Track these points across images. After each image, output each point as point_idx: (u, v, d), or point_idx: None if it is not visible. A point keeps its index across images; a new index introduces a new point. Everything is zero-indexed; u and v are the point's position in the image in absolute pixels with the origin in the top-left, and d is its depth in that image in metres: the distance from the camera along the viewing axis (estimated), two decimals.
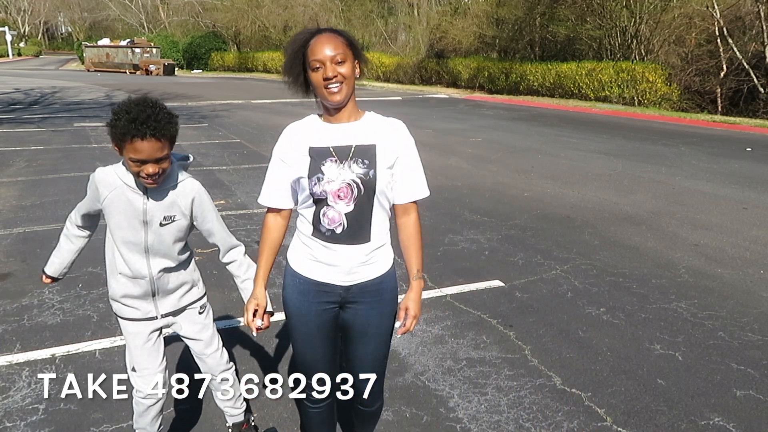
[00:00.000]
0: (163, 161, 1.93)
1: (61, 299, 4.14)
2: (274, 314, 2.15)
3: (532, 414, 2.88)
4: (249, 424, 2.60)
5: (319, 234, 1.89)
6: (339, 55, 1.76)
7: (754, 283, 4.54)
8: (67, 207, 6.45)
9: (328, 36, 1.78)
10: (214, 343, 2.40)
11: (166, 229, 2.09)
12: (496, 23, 25.56)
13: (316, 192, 1.83)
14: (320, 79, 1.77)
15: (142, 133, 1.84)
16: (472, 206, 6.66)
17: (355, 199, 1.83)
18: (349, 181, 1.82)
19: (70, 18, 69.71)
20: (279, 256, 2.10)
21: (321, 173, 1.82)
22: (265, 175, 2.00)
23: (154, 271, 2.15)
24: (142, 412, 2.29)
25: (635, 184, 7.81)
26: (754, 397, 3.02)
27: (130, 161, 1.91)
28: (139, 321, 2.24)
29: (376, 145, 1.85)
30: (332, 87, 1.78)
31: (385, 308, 2.02)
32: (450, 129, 13.15)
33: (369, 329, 2.01)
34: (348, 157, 1.83)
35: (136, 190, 2.03)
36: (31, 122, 13.70)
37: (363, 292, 1.96)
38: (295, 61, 1.83)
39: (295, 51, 1.82)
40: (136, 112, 1.86)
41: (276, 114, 15.95)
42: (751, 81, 16.64)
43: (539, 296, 4.27)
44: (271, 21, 37.62)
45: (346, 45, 1.79)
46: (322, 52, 1.76)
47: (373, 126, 1.89)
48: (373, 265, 1.95)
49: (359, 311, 1.99)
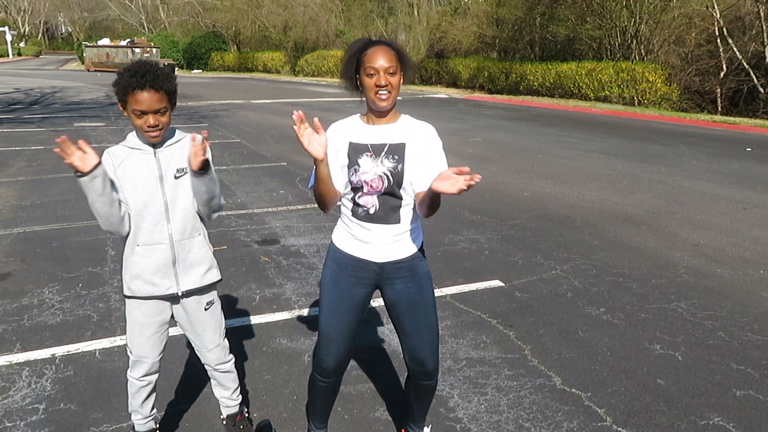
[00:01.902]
0: (162, 114, 2.09)
1: (61, 299, 4.14)
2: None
3: (532, 414, 2.88)
4: (243, 416, 2.62)
5: (356, 214, 2.18)
6: (392, 67, 2.03)
7: (754, 283, 4.54)
8: (67, 207, 6.49)
9: (385, 48, 2.05)
10: (215, 339, 2.42)
11: (181, 181, 2.20)
12: (496, 23, 25.56)
13: (353, 180, 2.12)
14: (373, 84, 2.03)
15: (142, 84, 2.03)
16: (472, 206, 6.66)
17: (385, 188, 2.11)
18: (381, 174, 2.10)
19: (70, 18, 69.72)
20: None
21: (358, 165, 2.11)
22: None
23: (174, 233, 2.20)
24: (134, 393, 2.37)
25: (635, 184, 7.81)
26: (754, 397, 3.02)
27: (133, 114, 2.08)
28: (155, 300, 2.25)
29: (405, 144, 2.12)
30: (382, 93, 2.04)
31: (423, 282, 2.25)
32: (450, 129, 13.14)
33: (414, 299, 2.24)
34: (382, 153, 2.11)
35: (144, 150, 2.17)
36: (31, 122, 13.70)
37: (396, 269, 2.22)
38: (349, 64, 2.10)
39: (351, 55, 2.09)
40: (137, 68, 2.07)
41: (276, 114, 15.95)
42: (751, 81, 16.65)
43: (539, 296, 4.27)
44: (271, 21, 37.61)
45: (397, 58, 2.05)
46: (378, 61, 2.02)
47: (406, 127, 2.16)
48: (403, 245, 2.20)
49: (398, 286, 2.23)
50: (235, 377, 2.54)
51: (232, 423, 2.59)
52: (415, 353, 2.29)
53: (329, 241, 2.33)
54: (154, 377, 2.37)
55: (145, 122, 2.08)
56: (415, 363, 2.32)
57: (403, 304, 2.24)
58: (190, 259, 2.25)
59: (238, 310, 4.01)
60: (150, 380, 2.36)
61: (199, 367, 3.25)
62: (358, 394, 3.04)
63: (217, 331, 2.42)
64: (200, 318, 2.35)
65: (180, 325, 2.39)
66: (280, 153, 10.00)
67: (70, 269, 4.67)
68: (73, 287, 4.34)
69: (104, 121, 14.09)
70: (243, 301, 4.16)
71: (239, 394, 2.58)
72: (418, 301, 2.24)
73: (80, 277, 4.52)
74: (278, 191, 7.07)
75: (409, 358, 2.32)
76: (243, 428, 2.59)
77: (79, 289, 4.32)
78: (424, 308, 2.25)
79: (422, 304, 2.25)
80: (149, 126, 2.08)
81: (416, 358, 2.30)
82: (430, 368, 2.32)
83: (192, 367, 3.29)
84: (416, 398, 2.47)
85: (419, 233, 2.26)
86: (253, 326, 3.80)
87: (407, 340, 2.30)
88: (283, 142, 11.31)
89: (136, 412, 2.41)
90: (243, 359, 3.34)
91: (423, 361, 2.30)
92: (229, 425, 2.59)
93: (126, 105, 2.09)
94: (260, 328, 3.77)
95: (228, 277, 4.51)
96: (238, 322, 3.82)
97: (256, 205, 6.62)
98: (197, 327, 2.37)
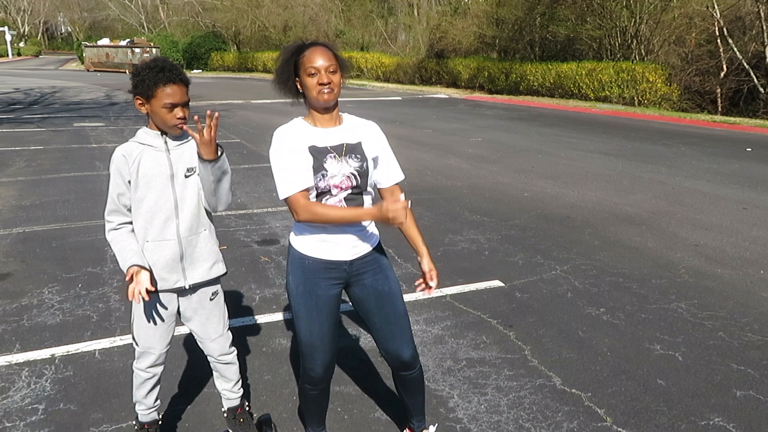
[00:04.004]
0: (187, 106, 2.19)
1: (60, 299, 4.14)
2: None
3: (532, 414, 2.87)
4: (244, 409, 2.62)
5: None
6: (332, 66, 2.08)
7: (754, 283, 4.54)
8: (67, 207, 6.49)
9: (322, 48, 2.10)
10: (218, 329, 2.45)
11: (191, 180, 2.27)
12: (496, 23, 25.55)
13: (321, 186, 2.11)
14: (315, 83, 2.07)
15: (171, 78, 2.13)
16: (472, 206, 6.66)
17: (352, 187, 2.16)
18: (348, 174, 2.14)
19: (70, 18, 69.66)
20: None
21: (324, 170, 2.11)
22: (276, 172, 2.14)
23: (182, 230, 2.26)
24: (138, 385, 2.42)
25: (635, 184, 7.81)
26: (754, 398, 3.02)
27: (162, 108, 2.14)
28: (163, 293, 2.30)
29: (361, 142, 2.20)
30: (325, 90, 2.07)
31: (388, 272, 2.31)
32: (450, 129, 13.14)
33: (382, 290, 2.28)
34: (342, 154, 2.14)
35: (156, 148, 2.23)
36: (31, 122, 13.71)
37: (364, 263, 2.25)
38: (286, 67, 2.14)
39: (286, 59, 2.14)
40: (161, 63, 2.15)
41: (276, 114, 15.95)
42: (751, 81, 16.64)
43: (539, 296, 4.27)
44: (271, 21, 37.60)
45: (335, 58, 2.11)
46: (318, 61, 2.07)
47: (354, 127, 2.23)
48: (367, 237, 2.26)
49: (367, 280, 2.27)
50: (236, 369, 2.55)
51: (232, 416, 2.60)
52: (389, 345, 2.31)
53: None
54: (160, 369, 2.42)
55: (175, 115, 2.15)
56: (391, 355, 2.33)
57: (372, 297, 2.27)
58: (196, 254, 2.32)
59: (238, 310, 4.01)
60: (155, 372, 2.41)
61: (199, 367, 3.26)
62: (358, 394, 3.04)
63: (221, 320, 2.46)
64: (205, 307, 2.41)
65: (184, 316, 2.42)
66: None
67: (70, 269, 4.67)
68: (73, 287, 4.34)
69: (104, 121, 14.09)
70: (243, 301, 4.16)
71: (240, 387, 2.59)
72: (386, 292, 2.27)
73: (80, 277, 4.52)
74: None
75: (385, 352, 2.33)
76: (243, 421, 2.60)
77: (78, 289, 4.32)
78: (391, 298, 2.28)
79: (390, 294, 2.28)
80: (179, 118, 2.16)
81: (391, 350, 2.31)
82: (406, 357, 2.32)
83: (192, 367, 3.29)
84: (405, 392, 2.47)
85: (374, 224, 2.31)
86: (253, 326, 3.80)
87: (380, 334, 2.31)
88: None
89: (140, 403, 2.47)
90: (243, 359, 3.33)
91: (398, 351, 2.31)
92: (229, 418, 2.61)
93: (150, 100, 2.15)
94: (260, 328, 3.77)
95: (228, 277, 4.51)
96: (238, 322, 3.81)
97: (256, 205, 6.61)
98: (202, 316, 2.41)
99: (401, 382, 2.43)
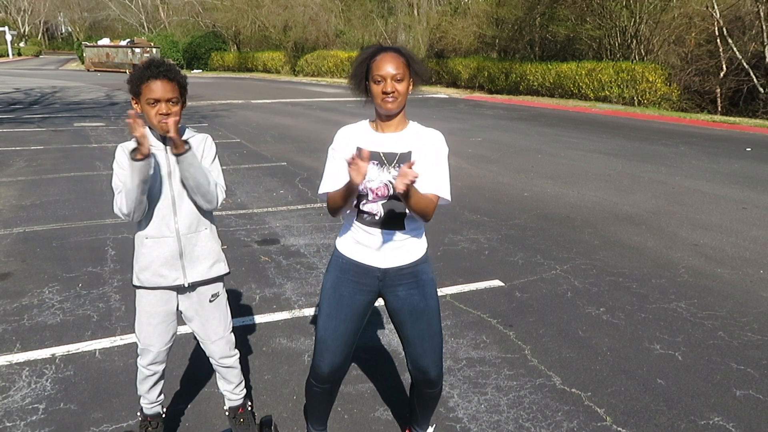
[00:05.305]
0: (174, 104, 2.17)
1: (61, 299, 4.14)
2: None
3: (532, 414, 2.88)
4: (245, 409, 2.63)
5: (361, 219, 2.19)
6: (399, 74, 2.05)
7: (754, 283, 4.54)
8: (67, 207, 6.49)
9: (392, 55, 2.07)
10: (219, 331, 2.45)
11: None
12: (496, 23, 25.56)
13: (359, 188, 2.08)
14: (380, 91, 2.06)
15: (155, 73, 2.14)
16: (472, 206, 6.66)
17: (390, 195, 2.12)
18: (386, 182, 2.12)
19: (70, 18, 69.69)
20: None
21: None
22: (324, 171, 2.21)
23: (181, 227, 2.28)
24: (141, 380, 2.45)
25: (635, 184, 7.81)
26: (754, 397, 3.02)
27: (147, 105, 2.15)
28: (162, 290, 2.31)
29: (411, 152, 2.13)
30: (389, 99, 2.07)
31: (426, 289, 2.24)
32: (450, 129, 13.14)
33: (417, 306, 2.23)
34: (391, 163, 2.12)
35: (155, 147, 2.23)
36: (31, 122, 13.71)
37: (400, 275, 2.22)
38: (359, 69, 2.13)
39: (360, 61, 2.13)
40: (150, 61, 2.19)
41: (276, 114, 15.95)
42: (750, 81, 16.64)
43: (539, 296, 4.27)
44: (271, 21, 37.60)
45: (405, 65, 2.08)
46: (385, 69, 2.05)
47: (413, 136, 2.17)
48: (407, 251, 2.21)
49: (401, 293, 2.23)
50: (238, 373, 2.55)
51: (233, 415, 2.60)
52: (418, 362, 2.28)
53: (329, 241, 2.35)
54: (161, 366, 2.43)
55: (158, 110, 2.14)
56: (418, 371, 2.31)
57: (406, 311, 2.24)
58: (196, 252, 2.33)
59: (238, 310, 4.01)
60: (156, 369, 2.43)
61: (199, 367, 3.26)
62: (358, 394, 3.04)
63: (222, 323, 2.46)
64: (205, 309, 2.41)
65: (185, 316, 2.43)
66: (280, 153, 10.00)
67: (70, 269, 4.67)
68: (73, 287, 4.34)
69: (104, 121, 14.10)
70: (243, 301, 4.17)
71: (243, 388, 2.59)
72: (421, 309, 2.23)
73: (80, 277, 4.52)
74: (278, 191, 7.05)
75: (413, 367, 2.31)
76: (244, 421, 2.60)
77: (79, 289, 4.32)
78: (427, 315, 2.24)
79: (425, 311, 2.24)
80: (160, 114, 2.14)
81: (419, 367, 2.29)
82: (432, 376, 2.31)
83: (192, 367, 3.29)
84: (420, 405, 2.47)
85: (423, 239, 2.26)
86: (253, 326, 3.80)
87: (410, 349, 2.29)
88: (283, 142, 11.31)
89: (143, 397, 2.50)
90: (243, 359, 3.33)
91: (426, 370, 2.29)
92: (230, 417, 2.61)
93: (140, 97, 2.16)
94: (260, 328, 3.77)
95: (228, 277, 4.49)
96: (238, 322, 3.82)
97: (256, 205, 6.62)
98: (201, 317, 2.42)
99: (419, 396, 2.42)
